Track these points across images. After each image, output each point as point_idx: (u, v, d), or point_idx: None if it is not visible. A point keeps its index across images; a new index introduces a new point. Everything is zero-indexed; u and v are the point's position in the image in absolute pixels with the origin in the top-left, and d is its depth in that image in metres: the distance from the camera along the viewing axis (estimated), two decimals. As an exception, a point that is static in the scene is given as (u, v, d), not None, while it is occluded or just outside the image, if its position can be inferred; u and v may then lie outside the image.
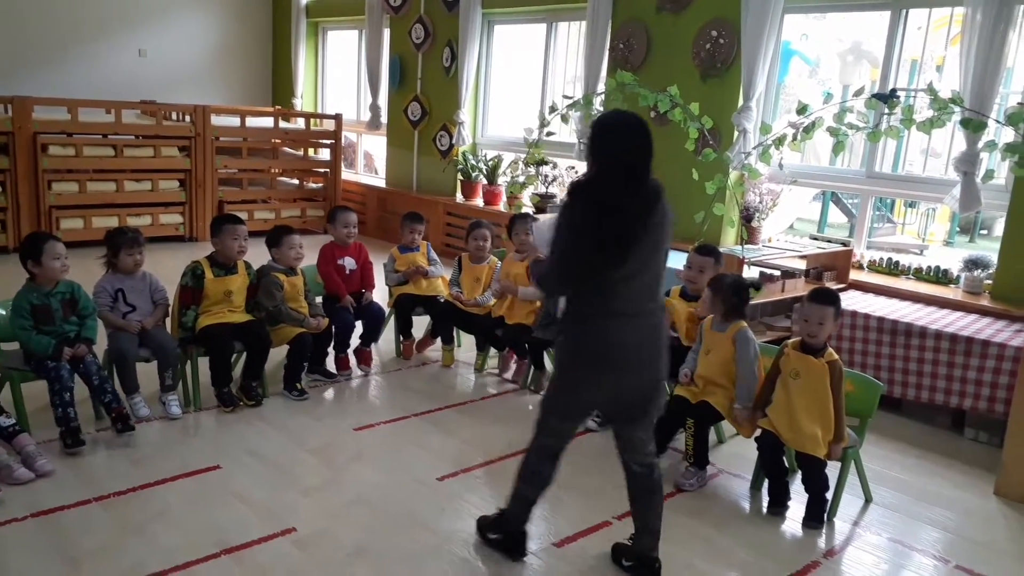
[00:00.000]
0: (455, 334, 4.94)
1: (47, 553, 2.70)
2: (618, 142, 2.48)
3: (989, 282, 4.87)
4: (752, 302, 3.89)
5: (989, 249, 5.89)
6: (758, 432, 3.41)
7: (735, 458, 3.76)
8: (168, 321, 4.02)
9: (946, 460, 3.98)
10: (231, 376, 4.00)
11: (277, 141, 8.85)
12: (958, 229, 10.27)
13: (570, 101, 5.71)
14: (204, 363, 3.99)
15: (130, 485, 3.17)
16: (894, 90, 3.98)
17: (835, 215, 10.19)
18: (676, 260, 4.08)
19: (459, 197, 8.09)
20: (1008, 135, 4.38)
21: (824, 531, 3.22)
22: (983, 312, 4.66)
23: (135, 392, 3.77)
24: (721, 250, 4.49)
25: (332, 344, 4.50)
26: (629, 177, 2.44)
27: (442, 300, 4.85)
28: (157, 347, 3.82)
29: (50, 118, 7.24)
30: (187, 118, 7.98)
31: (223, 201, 8.10)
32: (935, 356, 4.30)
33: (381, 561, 2.77)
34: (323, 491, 3.27)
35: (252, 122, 8.46)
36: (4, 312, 3.60)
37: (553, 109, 5.76)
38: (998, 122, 4.08)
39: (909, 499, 3.52)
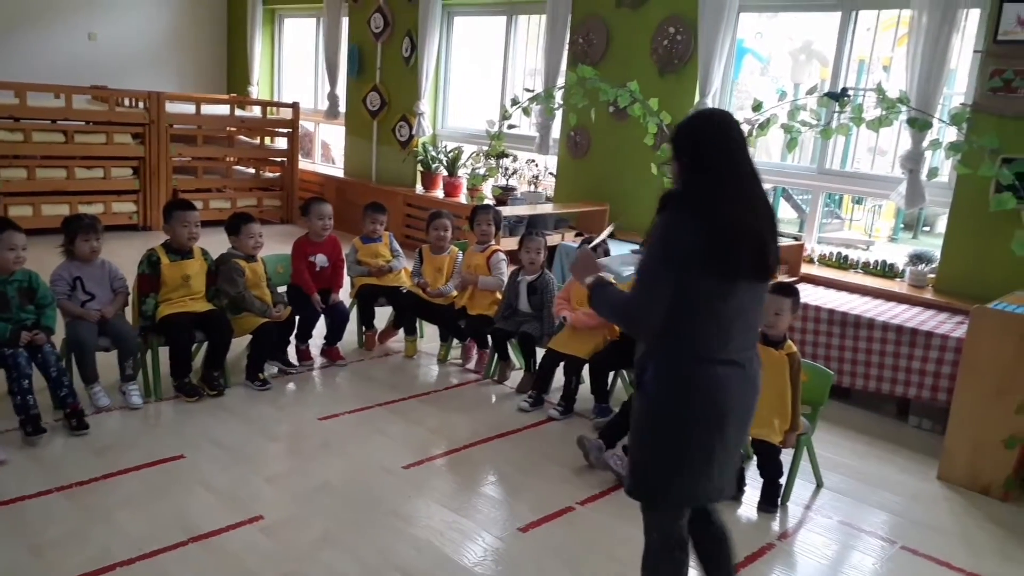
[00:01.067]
0: (418, 325, 4.97)
1: (10, 542, 2.68)
2: (717, 141, 2.05)
3: (933, 276, 5.08)
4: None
5: (931, 245, 6.12)
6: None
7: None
8: (128, 310, 3.97)
9: (892, 447, 4.16)
10: (191, 366, 3.98)
11: (232, 129, 8.72)
12: (902, 225, 10.62)
13: (532, 94, 5.76)
14: (165, 352, 3.95)
15: (92, 475, 3.14)
16: (845, 89, 4.13)
17: (785, 211, 10.46)
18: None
19: (419, 188, 8.09)
20: (952, 134, 4.57)
21: (778, 515, 3.35)
22: (927, 305, 4.86)
23: (95, 382, 3.73)
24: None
25: (294, 334, 4.49)
26: (745, 182, 2.05)
27: (405, 291, 4.87)
28: (117, 336, 3.78)
29: (-3, 102, 7.04)
30: (141, 104, 7.82)
31: (177, 190, 7.96)
32: (882, 347, 4.47)
33: (349, 547, 2.81)
34: (289, 479, 3.28)
35: (207, 109, 8.33)
36: (-42, 300, 3.52)
37: (515, 102, 5.80)
38: (943, 122, 4.25)
39: (857, 484, 3.68)
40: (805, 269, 5.49)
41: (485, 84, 7.94)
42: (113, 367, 3.84)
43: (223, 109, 8.58)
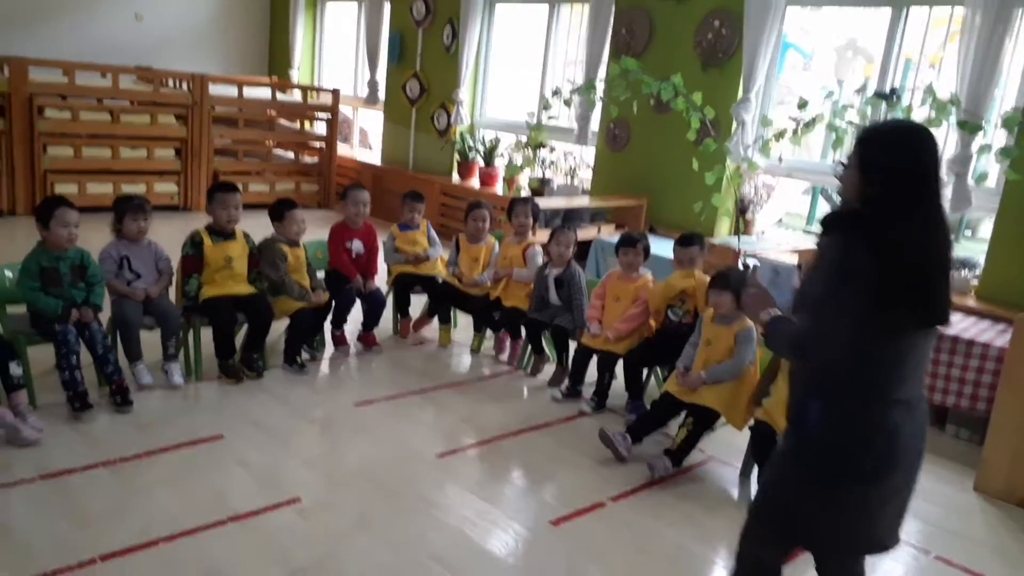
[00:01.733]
0: (452, 314, 5.00)
1: (56, 513, 2.76)
2: (913, 158, 1.87)
3: (975, 283, 4.99)
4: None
5: (973, 250, 6.00)
6: (751, 423, 3.50)
7: (724, 446, 3.85)
8: (171, 290, 4.05)
9: (928, 455, 4.05)
10: (235, 348, 4.04)
11: (273, 113, 8.81)
12: (967, 232, 10.42)
13: (573, 85, 5.74)
14: (206, 333, 4.02)
15: (135, 451, 3.23)
16: (894, 89, 4.07)
17: (825, 210, 10.32)
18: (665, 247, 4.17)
19: (455, 177, 8.12)
20: (1002, 138, 4.48)
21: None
22: (968, 312, 4.78)
23: (138, 360, 3.81)
24: (717, 241, 4.59)
25: (329, 319, 4.54)
26: (925, 207, 1.87)
27: (440, 280, 4.91)
28: (161, 315, 3.86)
29: (46, 80, 7.18)
30: (184, 86, 7.93)
31: (218, 172, 8.07)
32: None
33: (384, 533, 2.85)
34: (326, 462, 3.34)
35: (249, 93, 8.42)
36: (11, 275, 3.62)
37: (556, 93, 5.79)
38: (994, 125, 4.17)
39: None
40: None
41: (525, 74, 7.92)
42: (157, 346, 3.92)
43: (264, 92, 8.67)
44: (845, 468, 1.92)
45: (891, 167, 1.86)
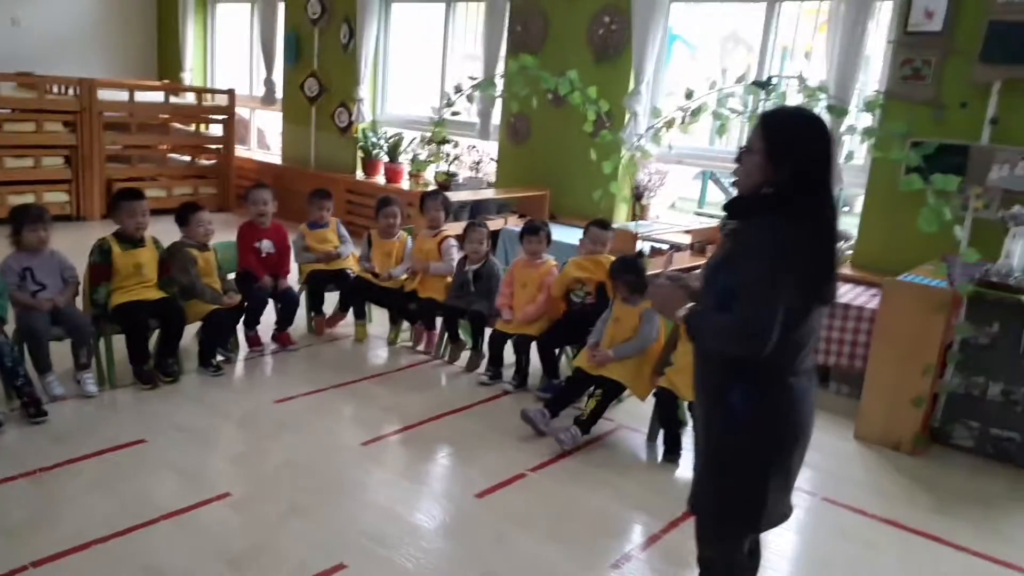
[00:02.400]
0: (367, 309, 5.09)
1: (-21, 528, 2.74)
2: (821, 141, 1.94)
3: (850, 253, 5.44)
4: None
5: (851, 225, 6.49)
6: (654, 391, 3.77)
7: (629, 415, 4.10)
8: (80, 300, 4.00)
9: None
10: (149, 353, 4.03)
11: (166, 116, 8.60)
12: (845, 207, 11.13)
13: (475, 82, 5.91)
14: (118, 341, 3.99)
15: (56, 460, 3.21)
16: (770, 78, 4.42)
17: (714, 193, 10.87)
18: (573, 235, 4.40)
19: (360, 174, 8.15)
20: (867, 120, 4.91)
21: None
22: (845, 279, 5.21)
23: (48, 371, 3.76)
24: (616, 226, 4.86)
25: (243, 320, 4.56)
26: (828, 187, 1.95)
27: (353, 276, 4.99)
28: (70, 325, 3.81)
29: (-83, 89, 6.82)
30: (71, 91, 7.66)
31: (111, 179, 7.84)
32: (806, 319, 4.80)
33: (316, 518, 2.96)
34: (251, 458, 3.41)
35: (140, 96, 8.20)
36: (-95, 293, 3.51)
37: (459, 89, 5.94)
38: (858, 109, 4.59)
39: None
40: (734, 248, 5.80)
41: (424, 70, 8.03)
42: (66, 356, 3.87)
43: (157, 96, 8.45)
44: (774, 440, 1.99)
45: (802, 152, 1.91)
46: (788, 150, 1.91)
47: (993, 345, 3.88)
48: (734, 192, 2.13)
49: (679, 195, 9.71)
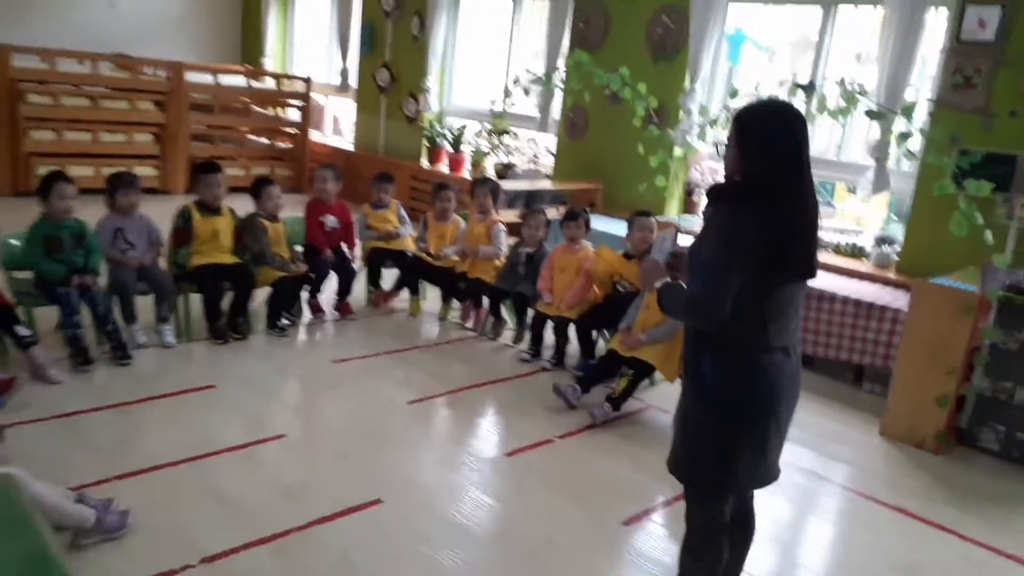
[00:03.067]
0: (421, 286, 5.43)
1: (72, 446, 3.16)
2: (786, 133, 2.09)
3: (896, 258, 5.52)
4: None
5: (898, 231, 6.53)
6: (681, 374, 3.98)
7: (659, 397, 4.33)
8: (163, 260, 4.43)
9: (844, 407, 4.63)
10: (222, 312, 4.44)
11: (247, 100, 9.13)
12: (894, 216, 11.02)
13: (533, 77, 6.18)
14: (195, 299, 4.41)
15: (137, 396, 3.62)
16: (811, 81, 4.56)
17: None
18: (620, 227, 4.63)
19: (424, 162, 8.52)
20: (919, 125, 5.00)
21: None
22: (887, 283, 5.31)
23: (134, 322, 4.19)
24: (661, 219, 5.07)
25: (309, 288, 4.94)
26: (799, 177, 2.10)
27: (410, 255, 5.33)
28: (154, 282, 4.24)
29: (27, 66, 7.44)
30: (162, 73, 8.23)
31: (194, 157, 8.38)
32: (841, 319, 4.93)
33: (361, 461, 3.30)
34: (307, 408, 3.77)
35: (224, 80, 8.73)
36: (17, 243, 3.98)
37: (517, 82, 6.22)
38: (894, 113, 4.69)
39: (805, 434, 4.15)
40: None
41: (491, 63, 8.34)
42: (150, 310, 4.30)
43: (239, 80, 8.98)
44: (740, 410, 2.14)
45: (766, 143, 2.08)
46: (755, 143, 2.09)
47: (1021, 351, 3.96)
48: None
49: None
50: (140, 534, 2.63)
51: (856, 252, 5.79)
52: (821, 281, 5.21)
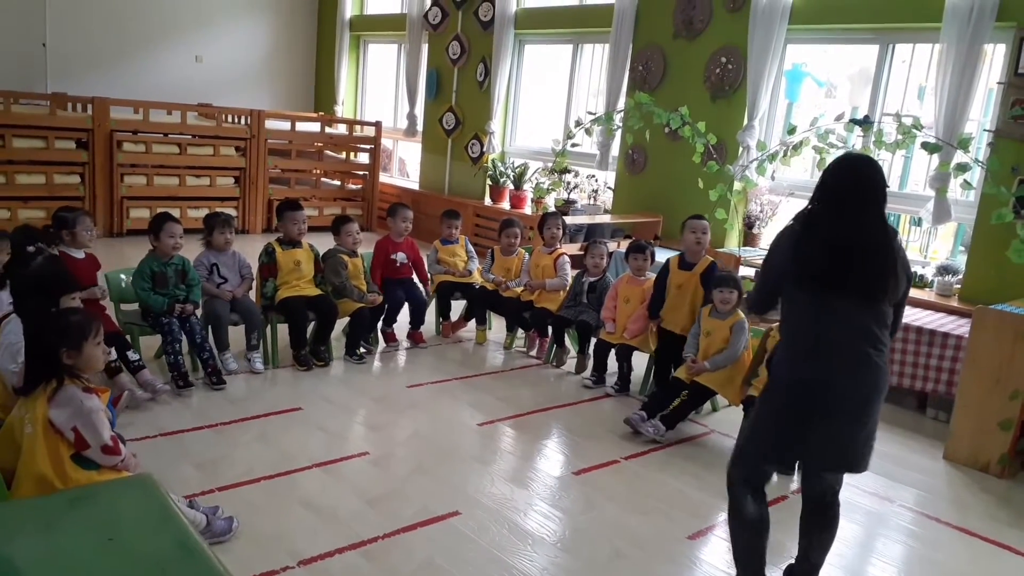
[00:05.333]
0: (487, 317, 5.68)
1: (177, 460, 3.46)
2: (833, 177, 2.54)
3: (959, 286, 5.56)
4: (745, 295, 4.61)
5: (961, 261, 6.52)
6: (743, 399, 4.11)
7: (722, 423, 4.46)
8: (252, 293, 4.79)
9: (908, 433, 4.67)
10: (306, 340, 4.76)
11: (321, 145, 9.65)
12: (961, 248, 10.86)
13: (593, 116, 6.45)
14: (282, 329, 4.75)
15: (231, 418, 3.94)
16: (866, 116, 4.70)
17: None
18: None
19: (487, 200, 8.84)
20: (978, 157, 5.08)
21: (795, 477, 3.92)
22: (950, 311, 5.35)
23: (226, 349, 4.54)
24: (723, 250, 5.23)
25: (382, 319, 5.23)
26: (856, 209, 2.49)
27: (477, 287, 5.60)
28: (245, 312, 4.59)
29: (123, 117, 8.06)
30: (243, 120, 8.79)
31: (272, 199, 8.89)
32: (903, 346, 4.99)
33: (438, 476, 3.53)
34: (387, 428, 4.03)
35: (300, 127, 9.26)
36: (125, 278, 4.38)
37: (578, 123, 6.50)
38: (951, 145, 4.79)
39: (875, 459, 4.16)
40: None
41: (551, 105, 8.67)
42: (240, 339, 4.64)
43: (314, 126, 9.51)
44: (789, 402, 2.52)
45: (823, 184, 2.56)
46: (819, 182, 2.60)
47: (1085, 375, 3.98)
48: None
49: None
50: (242, 539, 2.89)
51: (918, 282, 5.83)
52: (882, 310, 5.28)
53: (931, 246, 10.66)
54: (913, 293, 5.66)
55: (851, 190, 2.50)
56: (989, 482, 4.04)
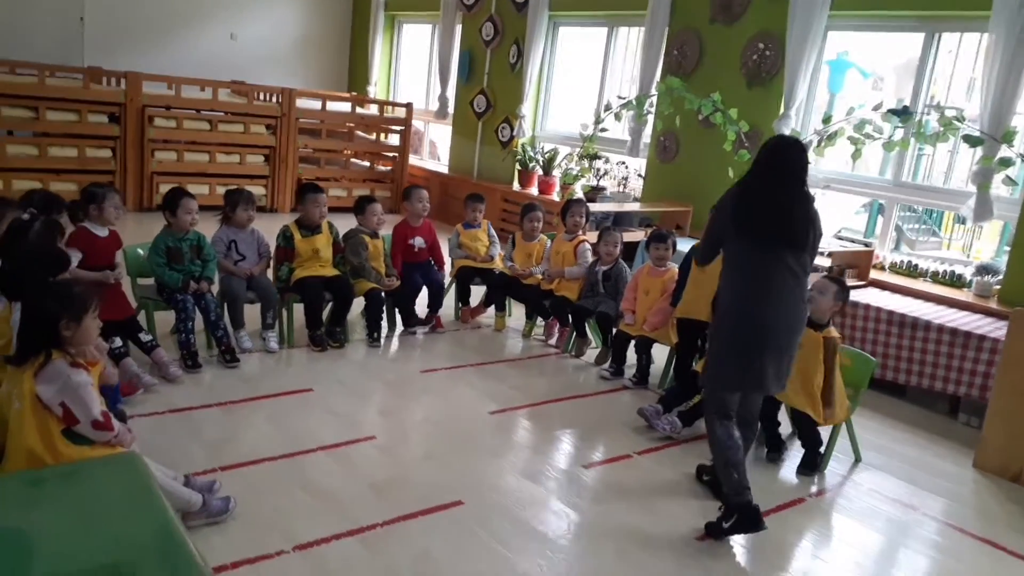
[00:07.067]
0: (507, 303, 5.60)
1: (184, 438, 3.44)
2: (771, 156, 3.12)
3: (999, 287, 5.33)
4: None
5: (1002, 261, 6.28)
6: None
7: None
8: (270, 272, 4.75)
9: (937, 438, 4.50)
10: (322, 321, 4.72)
11: (352, 125, 9.61)
12: (1006, 247, 10.46)
13: (623, 101, 6.30)
14: (298, 308, 4.71)
15: (242, 396, 3.91)
16: (906, 107, 4.50)
17: (881, 225, 10.48)
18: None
19: (516, 185, 8.74)
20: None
21: (815, 479, 3.79)
22: (989, 313, 5.13)
23: (241, 327, 4.51)
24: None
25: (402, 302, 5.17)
26: (776, 182, 3.09)
27: (497, 272, 5.51)
28: (261, 291, 4.56)
29: (155, 92, 8.09)
30: (274, 99, 8.78)
31: (301, 178, 8.87)
32: (936, 347, 4.80)
33: (447, 463, 3.46)
34: (397, 412, 3.98)
35: (331, 106, 9.23)
36: (142, 253, 4.37)
37: (608, 108, 6.35)
38: (994, 139, 4.56)
39: (895, 463, 4.07)
40: (875, 275, 5.82)
41: (584, 90, 8.52)
42: (255, 318, 4.62)
43: (345, 106, 9.47)
44: (738, 335, 3.07)
45: (761, 160, 3.15)
46: (757, 158, 3.20)
47: None
48: (903, 224, 2.93)
49: (844, 226, 9.54)
50: (240, 520, 2.86)
51: (956, 281, 5.61)
52: (915, 308, 5.10)
53: (974, 245, 10.37)
54: (949, 293, 5.46)
55: (783, 166, 3.09)
56: (1019, 493, 3.87)
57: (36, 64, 7.55)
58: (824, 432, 3.87)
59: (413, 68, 10.97)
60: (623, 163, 7.72)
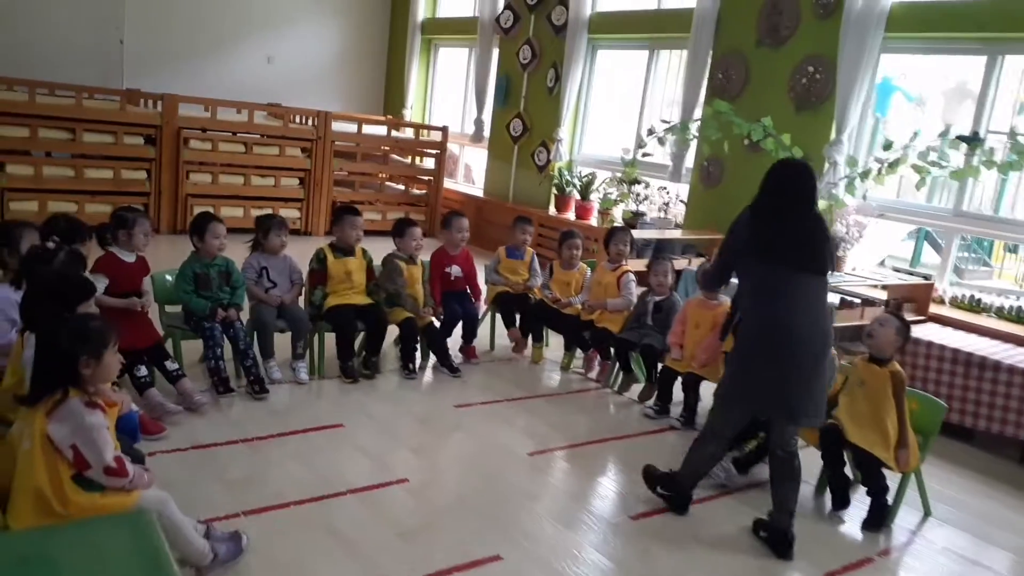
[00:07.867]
0: (544, 333, 5.36)
1: (207, 476, 3.26)
2: (785, 181, 3.19)
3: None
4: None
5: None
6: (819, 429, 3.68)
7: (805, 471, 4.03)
8: (301, 299, 4.59)
9: (1009, 489, 4.17)
10: (354, 351, 4.53)
11: (387, 148, 9.50)
12: None
13: (667, 125, 6.08)
14: (329, 338, 4.53)
15: (269, 432, 3.72)
16: (976, 133, 4.22)
17: (930, 255, 10.12)
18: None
19: (552, 210, 8.54)
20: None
21: (881, 535, 3.49)
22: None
23: (271, 357, 4.34)
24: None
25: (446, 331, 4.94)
26: (787, 208, 3.15)
27: (534, 301, 5.28)
28: (292, 319, 4.39)
29: (191, 115, 8.05)
30: (310, 122, 8.71)
31: (336, 201, 8.77)
32: (1007, 390, 4.48)
33: (480, 510, 3.23)
34: (430, 452, 3.76)
35: (367, 129, 9.14)
36: (170, 279, 4.23)
37: (651, 132, 6.14)
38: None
39: (967, 518, 3.74)
40: (935, 309, 5.51)
41: (623, 113, 8.32)
42: (286, 347, 4.44)
43: (380, 129, 9.38)
44: (758, 346, 3.10)
45: (770, 186, 3.21)
46: (762, 182, 3.26)
47: None
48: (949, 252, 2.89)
49: (889, 253, 9.20)
50: (256, 567, 2.66)
51: (1019, 317, 5.28)
52: (981, 346, 4.78)
53: (1030, 276, 9.92)
54: (1018, 329, 5.12)
55: (792, 190, 3.16)
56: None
57: (74, 86, 7.55)
58: (891, 480, 3.57)
59: (449, 91, 10.87)
60: (664, 188, 7.48)
